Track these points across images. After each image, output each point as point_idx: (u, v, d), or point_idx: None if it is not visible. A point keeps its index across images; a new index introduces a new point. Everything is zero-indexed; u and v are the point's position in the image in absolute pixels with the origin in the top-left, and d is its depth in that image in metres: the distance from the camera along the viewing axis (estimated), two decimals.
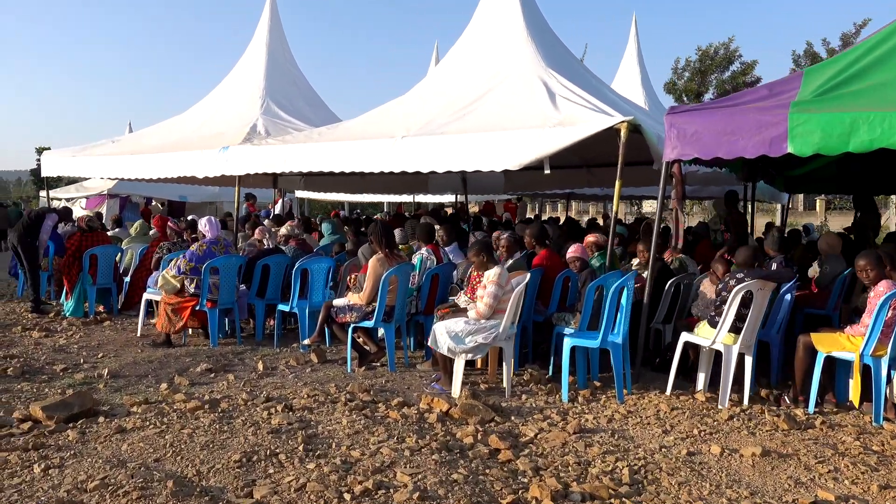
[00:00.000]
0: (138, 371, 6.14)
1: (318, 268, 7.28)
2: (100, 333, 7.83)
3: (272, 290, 7.81)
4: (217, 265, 7.14)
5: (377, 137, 7.78)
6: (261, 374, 6.09)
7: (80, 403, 4.69)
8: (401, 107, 9.10)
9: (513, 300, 5.36)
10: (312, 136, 8.70)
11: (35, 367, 6.17)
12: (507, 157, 6.75)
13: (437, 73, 9.40)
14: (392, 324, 6.27)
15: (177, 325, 7.15)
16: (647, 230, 9.67)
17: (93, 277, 8.90)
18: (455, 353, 5.32)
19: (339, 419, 4.56)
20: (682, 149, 5.60)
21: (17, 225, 8.96)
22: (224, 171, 8.95)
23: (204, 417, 4.57)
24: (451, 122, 7.68)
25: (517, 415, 4.86)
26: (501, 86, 8.21)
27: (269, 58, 11.76)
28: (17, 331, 7.77)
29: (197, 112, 11.64)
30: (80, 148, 11.66)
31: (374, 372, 6.17)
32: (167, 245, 8.42)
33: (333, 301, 6.46)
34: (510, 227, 11.21)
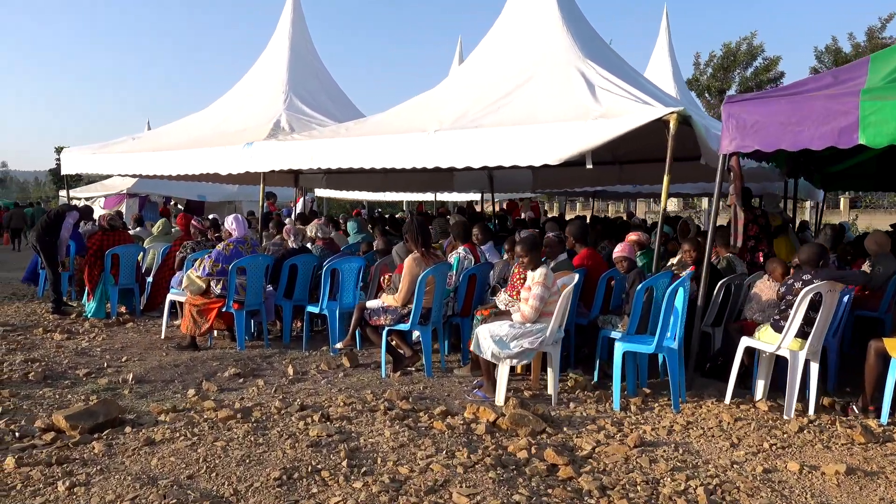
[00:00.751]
0: (164, 376, 5.88)
1: (349, 268, 6.99)
2: (123, 335, 7.59)
3: (300, 290, 7.53)
4: (244, 265, 6.87)
5: (408, 132, 7.48)
6: (291, 379, 5.80)
7: (106, 412, 4.42)
8: (430, 100, 8.79)
9: (561, 302, 5.03)
10: (339, 132, 8.40)
11: (57, 371, 5.93)
12: (546, 152, 6.42)
13: (468, 65, 9.07)
14: (429, 326, 5.96)
15: (202, 328, 6.89)
16: (685, 229, 9.33)
17: (115, 278, 8.67)
18: (499, 359, 5.00)
19: (380, 430, 4.26)
20: (741, 140, 5.24)
21: (38, 224, 8.75)
22: (248, 167, 8.68)
23: (237, 428, 4.28)
24: (485, 116, 7.36)
25: (569, 425, 4.53)
26: (537, 77, 7.87)
27: (292, 52, 11.49)
28: (39, 332, 7.55)
29: (219, 108, 11.39)
30: (101, 145, 11.45)
31: (411, 377, 5.86)
32: (191, 244, 8.17)
33: (366, 303, 6.16)
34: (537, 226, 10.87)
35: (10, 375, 5.67)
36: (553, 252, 6.16)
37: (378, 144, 7.55)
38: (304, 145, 8.19)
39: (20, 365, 6.03)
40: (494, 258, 7.05)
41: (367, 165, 7.62)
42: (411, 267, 5.81)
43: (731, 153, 5.40)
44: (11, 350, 6.64)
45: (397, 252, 6.22)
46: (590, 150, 6.25)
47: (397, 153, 7.35)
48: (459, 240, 6.67)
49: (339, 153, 7.81)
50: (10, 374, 5.72)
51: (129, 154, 10.47)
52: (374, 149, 7.54)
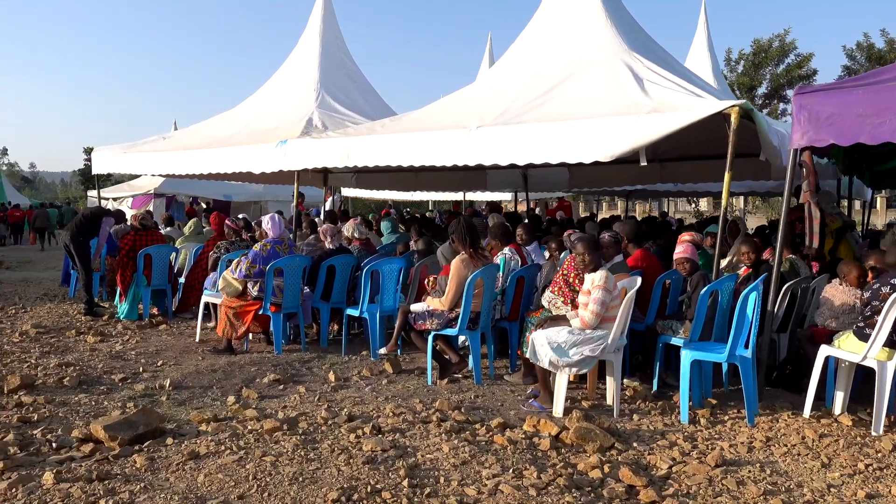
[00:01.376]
0: (202, 381, 5.65)
1: (389, 269, 6.71)
2: (156, 338, 7.40)
3: (337, 292, 7.28)
4: (281, 266, 6.63)
5: (448, 129, 7.19)
6: (333, 386, 5.54)
7: (146, 422, 4.19)
8: (468, 97, 8.50)
9: (623, 307, 4.71)
10: (375, 129, 8.13)
11: (92, 376, 5.73)
12: (597, 148, 6.10)
13: (506, 61, 8.75)
14: (477, 331, 5.67)
15: (239, 331, 6.66)
16: (735, 229, 8.92)
17: (147, 278, 8.50)
18: (558, 367, 4.69)
19: (438, 445, 3.97)
20: (814, 134, 4.88)
21: (69, 224, 8.61)
22: (281, 166, 8.45)
23: (285, 441, 4.02)
24: (528, 111, 7.06)
25: (638, 440, 4.21)
26: (581, 72, 7.54)
27: (323, 49, 11.26)
28: (72, 334, 7.38)
29: (249, 107, 11.19)
30: (131, 144, 11.31)
31: (459, 385, 5.57)
32: (225, 245, 7.96)
33: (411, 306, 5.88)
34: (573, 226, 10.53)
35: (45, 380, 5.47)
36: (609, 253, 5.82)
37: (417, 141, 7.28)
38: (339, 143, 7.94)
39: (54, 369, 5.84)
40: (540, 259, 6.75)
41: (406, 163, 7.36)
42: (459, 269, 5.52)
43: (804, 147, 5.04)
44: (45, 353, 6.46)
45: (443, 253, 5.94)
46: (644, 145, 5.93)
47: (437, 150, 7.07)
48: (501, 240, 6.36)
49: (376, 150, 7.55)
50: (45, 378, 5.53)
51: (160, 153, 10.30)
52: (413, 146, 7.27)
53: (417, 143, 7.24)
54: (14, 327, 7.76)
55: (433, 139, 7.14)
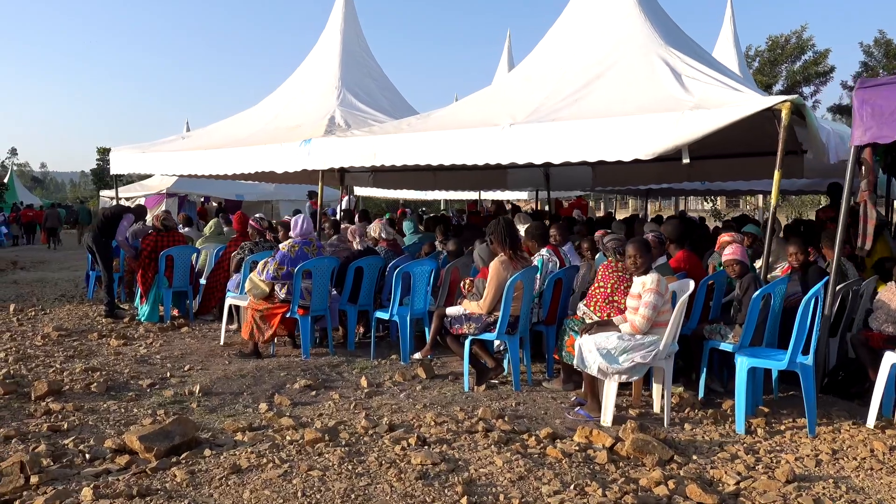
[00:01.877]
0: (231, 387, 5.48)
1: (421, 271, 6.53)
2: (180, 341, 7.24)
3: (365, 295, 7.11)
4: (310, 268, 6.45)
5: (479, 126, 7.00)
6: (367, 392, 5.36)
7: (181, 432, 4.01)
8: (496, 94, 8.31)
9: (676, 311, 4.51)
10: (402, 127, 7.95)
11: (119, 381, 5.57)
12: (637, 146, 5.90)
13: (535, 57, 8.55)
14: (516, 336, 5.47)
15: (265, 334, 6.49)
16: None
17: (168, 280, 8.35)
18: (607, 374, 4.49)
19: (490, 458, 3.78)
20: (878, 130, 4.66)
21: (91, 224, 8.46)
22: (305, 165, 8.27)
23: (328, 453, 3.84)
24: (562, 108, 6.86)
25: (697, 452, 4.01)
26: (616, 67, 7.33)
27: (344, 47, 11.09)
28: (94, 337, 7.23)
29: (269, 105, 11.03)
30: (150, 144, 11.18)
31: (498, 391, 5.38)
32: (249, 245, 7.78)
33: (447, 310, 5.69)
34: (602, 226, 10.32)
35: (72, 386, 5.31)
36: (652, 254, 5.60)
37: (447, 140, 7.09)
38: (366, 142, 7.75)
39: (81, 374, 5.68)
40: (576, 260, 6.55)
41: (435, 162, 7.17)
42: (498, 271, 5.32)
43: (865, 144, 4.81)
44: (70, 357, 6.31)
45: (480, 255, 5.74)
46: (686, 143, 5.73)
47: (468, 149, 6.88)
48: (537, 241, 6.15)
49: (405, 149, 7.36)
50: (72, 384, 5.37)
51: (179, 153, 10.15)
52: (444, 144, 7.08)
53: (448, 142, 7.05)
54: (35, 330, 7.62)
55: (464, 137, 6.95)
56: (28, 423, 4.46)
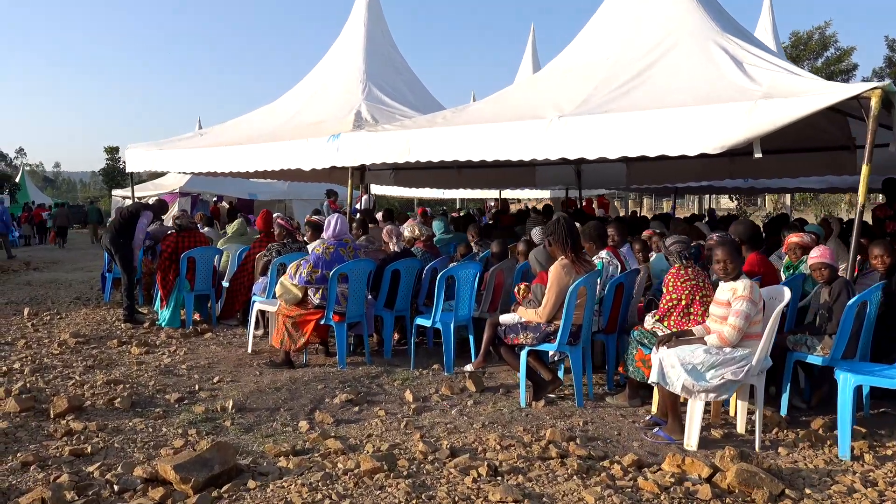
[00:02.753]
0: (266, 402, 5.03)
1: (465, 275, 6.06)
2: (205, 349, 6.80)
3: (402, 299, 6.64)
4: (346, 271, 5.99)
5: (523, 119, 6.53)
6: (414, 408, 4.89)
7: (221, 460, 3.56)
8: (537, 85, 7.83)
9: (772, 321, 4.02)
10: (436, 121, 7.48)
11: (144, 395, 5.12)
12: (704, 139, 5.43)
13: (577, 47, 8.05)
14: (578, 347, 4.99)
15: (298, 342, 6.03)
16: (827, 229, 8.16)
17: (190, 283, 7.91)
18: (693, 393, 4.01)
19: (575, 492, 3.31)
20: None
21: (110, 225, 8.02)
22: (334, 162, 7.82)
23: (391, 486, 3.37)
24: (614, 100, 6.39)
25: (807, 484, 3.53)
26: (669, 55, 6.85)
27: (368, 40, 10.63)
28: (114, 345, 6.80)
29: (291, 100, 10.58)
30: (167, 140, 10.76)
31: (559, 408, 4.91)
32: (276, 247, 7.34)
33: (500, 318, 5.22)
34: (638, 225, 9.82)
35: (94, 401, 4.87)
36: None
37: (489, 134, 6.61)
38: (399, 137, 7.28)
39: (102, 387, 5.24)
40: (633, 262, 6.07)
41: (476, 157, 6.69)
42: (560, 276, 4.84)
43: None
44: (89, 368, 5.87)
45: (537, 258, 5.26)
46: (761, 135, 5.25)
47: (513, 143, 6.40)
48: (596, 243, 5.67)
49: (443, 144, 6.88)
50: (94, 399, 4.92)
51: (198, 149, 9.70)
52: (485, 139, 6.61)
53: (490, 136, 6.58)
54: (52, 336, 7.20)
55: (508, 131, 6.48)
56: (48, 446, 4.02)
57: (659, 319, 4.69)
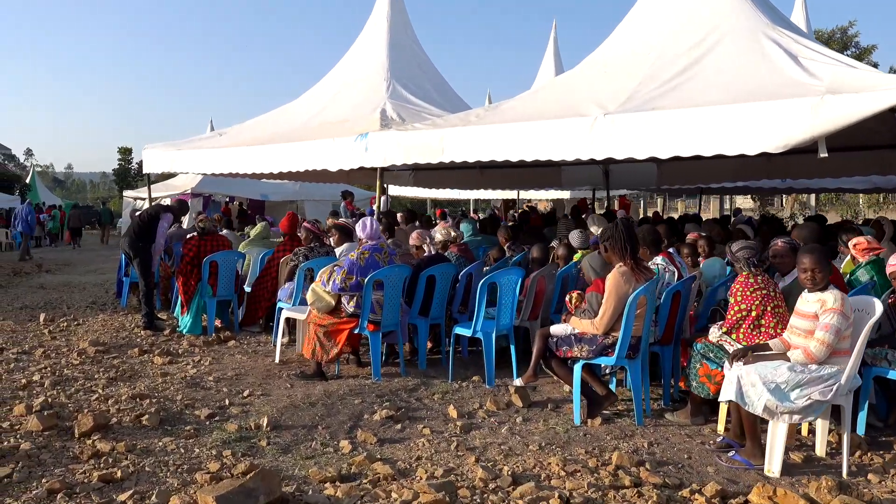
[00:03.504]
0: (303, 419, 4.71)
1: (507, 281, 5.72)
2: (230, 358, 6.49)
3: (436, 306, 6.32)
4: (381, 278, 5.67)
5: (565, 117, 6.19)
6: (461, 426, 4.56)
7: (266, 490, 3.24)
8: (572, 83, 7.48)
9: (863, 336, 3.68)
10: (471, 119, 7.15)
11: (173, 411, 4.81)
12: (764, 137, 5.09)
13: (614, 42, 7.70)
14: (637, 360, 4.65)
15: (330, 353, 5.72)
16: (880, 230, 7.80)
17: (212, 288, 7.61)
18: (775, 414, 3.67)
19: None
20: None
21: (129, 229, 7.72)
22: (363, 162, 7.50)
23: None
24: (661, 96, 6.06)
25: None
26: (717, 49, 6.51)
27: (391, 37, 10.32)
28: (135, 354, 6.50)
29: (312, 99, 10.28)
30: (186, 141, 10.48)
31: (618, 426, 4.57)
32: (303, 251, 7.02)
33: (551, 329, 4.89)
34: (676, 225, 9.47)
35: (121, 418, 4.56)
36: (785, 264, 4.77)
37: (529, 132, 6.28)
38: (433, 136, 6.95)
39: (128, 402, 4.94)
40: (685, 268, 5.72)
41: (515, 157, 6.36)
42: (618, 284, 4.50)
43: None
44: (112, 380, 5.57)
45: (591, 265, 4.92)
46: (828, 133, 4.90)
47: (555, 142, 6.07)
48: (651, 248, 5.33)
49: (480, 143, 6.54)
50: (120, 416, 4.62)
51: (218, 150, 9.40)
52: (525, 138, 6.28)
53: (530, 135, 6.25)
54: (70, 344, 6.91)
55: (549, 130, 6.15)
56: (75, 471, 3.71)
57: (727, 332, 4.35)
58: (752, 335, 4.25)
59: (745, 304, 4.29)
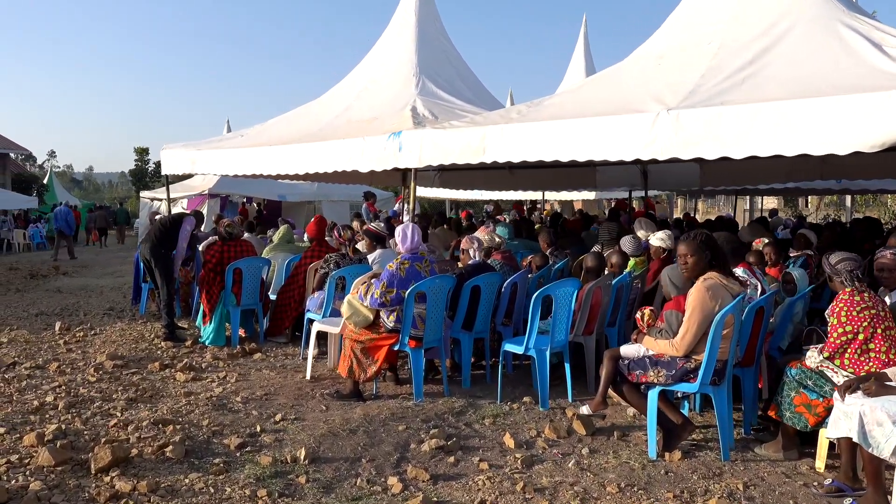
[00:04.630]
0: (343, 450, 4.22)
1: (563, 293, 5.20)
2: (257, 374, 6.02)
3: (481, 320, 5.82)
4: (424, 290, 5.17)
5: (619, 113, 5.66)
6: (521, 459, 4.05)
7: None
8: (623, 76, 6.93)
9: None
10: (512, 116, 6.62)
11: (199, 440, 4.33)
12: (857, 134, 4.53)
13: (666, 33, 7.15)
14: (724, 387, 4.11)
15: (369, 371, 5.23)
16: None
17: (236, 297, 7.15)
18: None
19: None
20: None
21: (149, 234, 7.27)
22: (397, 162, 6.98)
23: None
24: (728, 90, 5.51)
25: None
26: (788, 38, 5.95)
27: (420, 29, 9.81)
28: (155, 368, 6.05)
29: (337, 96, 9.78)
30: (206, 141, 10.03)
31: (700, 461, 4.04)
32: (335, 258, 6.54)
33: (621, 349, 4.36)
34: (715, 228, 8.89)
35: (142, 449, 4.08)
36: (893, 279, 4.21)
37: (579, 130, 5.75)
38: (473, 134, 6.41)
39: (149, 429, 4.46)
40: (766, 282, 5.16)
41: (566, 157, 5.82)
42: (704, 301, 3.96)
43: None
44: (132, 401, 5.10)
45: (671, 278, 4.40)
46: None
47: (612, 141, 5.53)
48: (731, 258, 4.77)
49: (526, 142, 6.01)
50: (141, 446, 4.14)
51: (241, 150, 8.93)
52: (577, 136, 5.75)
53: (582, 133, 5.71)
54: (86, 357, 6.47)
55: (604, 127, 5.61)
56: None
57: (828, 357, 3.81)
58: (859, 361, 3.71)
59: (850, 325, 3.75)
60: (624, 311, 6.08)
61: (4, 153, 30.73)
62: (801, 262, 7.02)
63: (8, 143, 31.06)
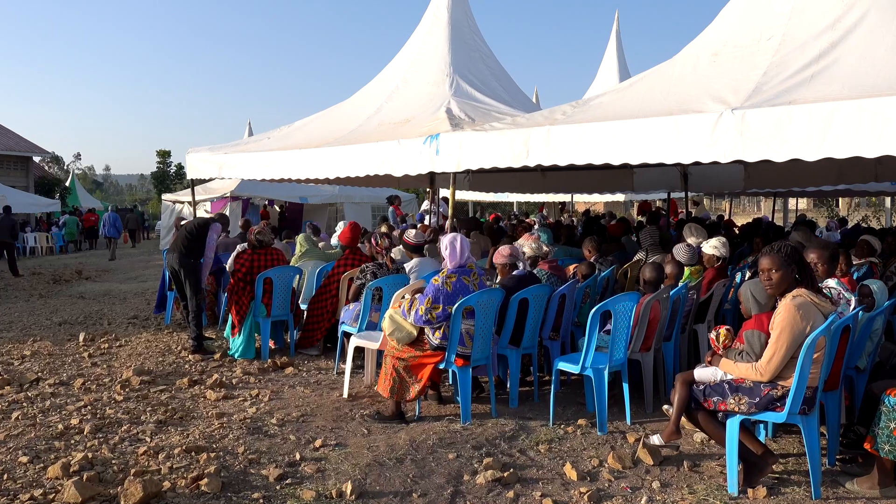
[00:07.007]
0: (391, 482, 3.87)
1: (623, 308, 4.82)
2: (291, 392, 5.70)
3: (529, 335, 5.45)
4: (472, 304, 4.81)
5: (675, 114, 5.28)
6: (586, 494, 3.68)
7: None
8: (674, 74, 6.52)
9: None
10: (556, 117, 6.25)
11: (235, 470, 4.01)
12: None
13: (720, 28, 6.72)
14: (814, 416, 3.71)
15: (412, 391, 4.88)
16: None
17: (266, 307, 6.85)
18: None
19: None
20: None
21: (176, 243, 6.98)
22: (434, 166, 6.64)
23: None
24: (795, 88, 5.13)
25: None
26: (857, 31, 5.53)
27: (453, 28, 9.47)
28: (184, 385, 5.75)
29: (367, 97, 9.46)
30: (231, 145, 9.76)
31: (786, 499, 3.65)
32: (371, 268, 6.21)
33: (695, 373, 3.97)
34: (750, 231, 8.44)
35: (174, 482, 3.76)
36: None
37: (632, 132, 5.39)
38: (516, 137, 6.05)
39: (181, 457, 4.15)
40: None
41: (619, 161, 5.51)
42: (795, 321, 3.56)
43: None
44: (161, 424, 4.80)
45: (753, 293, 4.01)
46: None
47: (668, 142, 5.17)
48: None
49: (573, 145, 5.66)
50: (174, 478, 3.82)
51: (270, 154, 8.64)
52: (627, 138, 5.39)
53: (635, 135, 5.36)
54: (112, 373, 6.19)
55: (660, 128, 5.24)
56: None
57: None
58: None
59: None
60: (679, 324, 5.69)
61: (27, 156, 30.85)
62: (864, 270, 6.58)
63: (31, 146, 31.19)
